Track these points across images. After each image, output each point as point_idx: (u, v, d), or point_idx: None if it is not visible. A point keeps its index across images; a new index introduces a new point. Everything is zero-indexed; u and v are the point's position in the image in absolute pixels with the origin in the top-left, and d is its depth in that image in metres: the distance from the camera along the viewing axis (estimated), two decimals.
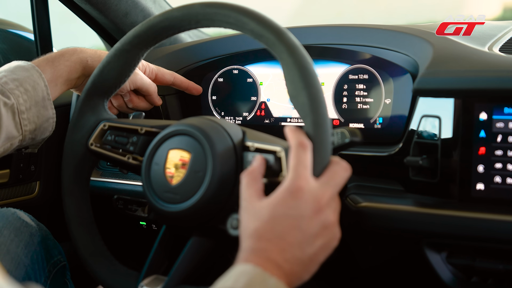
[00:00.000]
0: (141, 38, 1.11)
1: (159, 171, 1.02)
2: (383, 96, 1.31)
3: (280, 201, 0.86)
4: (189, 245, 1.03)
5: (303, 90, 0.92)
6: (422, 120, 1.13)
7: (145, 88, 1.32)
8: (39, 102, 1.18)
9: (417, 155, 1.13)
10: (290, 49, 0.94)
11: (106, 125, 1.15)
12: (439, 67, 1.11)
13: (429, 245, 1.10)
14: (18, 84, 1.16)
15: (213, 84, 1.51)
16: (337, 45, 1.35)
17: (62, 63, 1.24)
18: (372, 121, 1.32)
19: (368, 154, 1.24)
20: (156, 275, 1.07)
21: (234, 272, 0.82)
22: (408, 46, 1.25)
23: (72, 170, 1.16)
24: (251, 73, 1.47)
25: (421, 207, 1.10)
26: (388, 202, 1.14)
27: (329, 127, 0.92)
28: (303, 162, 0.88)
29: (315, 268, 0.88)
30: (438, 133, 1.10)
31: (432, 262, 1.10)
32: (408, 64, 1.25)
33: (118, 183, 1.40)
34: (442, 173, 1.10)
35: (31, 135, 1.19)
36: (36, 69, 1.19)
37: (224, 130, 1.02)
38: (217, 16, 1.02)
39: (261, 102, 1.45)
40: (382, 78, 1.31)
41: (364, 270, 1.28)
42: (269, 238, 0.85)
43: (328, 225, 0.88)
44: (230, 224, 0.98)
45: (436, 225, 1.08)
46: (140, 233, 1.51)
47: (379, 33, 1.30)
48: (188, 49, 1.52)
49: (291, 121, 1.42)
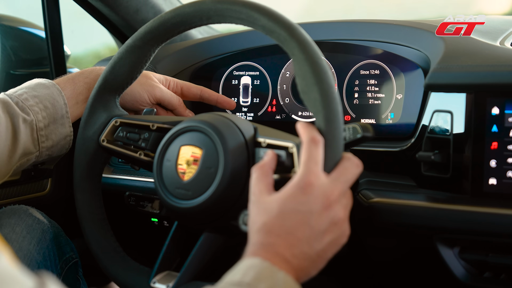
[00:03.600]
0: (153, 34, 1.11)
1: (171, 167, 1.02)
2: (394, 91, 1.30)
3: (290, 196, 0.86)
4: (200, 241, 1.03)
5: (315, 85, 0.92)
6: (434, 115, 1.12)
7: (167, 101, 1.32)
8: (57, 119, 1.20)
9: (429, 150, 1.12)
10: (301, 45, 0.94)
11: (117, 121, 1.15)
12: (451, 62, 1.11)
13: (442, 241, 1.10)
14: (38, 101, 1.18)
15: (224, 80, 1.51)
16: (348, 41, 1.35)
17: (81, 81, 1.26)
18: (383, 116, 1.31)
19: (380, 150, 1.23)
20: (168, 271, 1.07)
21: (242, 265, 0.82)
22: (420, 41, 1.25)
23: (84, 166, 1.16)
24: (261, 69, 1.47)
25: (434, 202, 1.10)
26: (400, 197, 1.14)
27: (341, 123, 0.92)
28: (314, 157, 0.88)
29: (323, 264, 0.88)
30: (450, 128, 1.10)
31: (445, 258, 1.10)
32: (419, 59, 1.25)
33: (130, 180, 1.40)
34: (454, 168, 1.09)
35: (48, 152, 1.20)
36: (56, 86, 1.21)
37: (235, 126, 1.02)
38: (228, 12, 1.02)
39: (272, 98, 1.45)
40: (393, 73, 1.31)
41: (375, 265, 1.28)
42: (278, 233, 0.85)
43: (337, 222, 0.88)
44: (242, 220, 0.98)
45: (449, 220, 1.08)
46: (151, 230, 1.51)
47: (390, 28, 1.30)
48: (198, 46, 1.52)
49: (302, 116, 1.42)
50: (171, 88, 1.35)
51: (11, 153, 1.14)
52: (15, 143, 1.14)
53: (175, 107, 1.34)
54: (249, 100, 1.48)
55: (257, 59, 1.47)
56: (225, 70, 1.50)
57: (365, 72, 1.34)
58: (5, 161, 1.13)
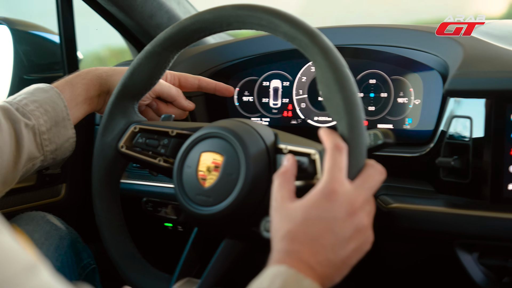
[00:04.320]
0: (172, 40, 1.11)
1: (191, 173, 1.02)
2: (412, 96, 1.30)
3: (314, 203, 0.86)
4: (221, 248, 1.03)
5: (338, 92, 0.91)
6: (453, 121, 1.12)
7: (166, 93, 1.32)
8: (59, 122, 1.20)
9: (448, 155, 1.12)
10: (324, 51, 0.94)
11: (136, 127, 1.15)
12: (470, 67, 1.11)
13: (461, 246, 1.10)
14: (38, 106, 1.18)
15: (240, 86, 1.51)
16: (365, 46, 1.34)
17: (79, 82, 1.25)
18: (401, 121, 1.31)
19: (397, 155, 1.23)
20: (188, 278, 1.07)
21: (269, 273, 0.82)
22: (437, 46, 1.24)
23: (102, 173, 1.16)
24: (277, 74, 1.47)
25: (453, 208, 1.10)
26: (419, 203, 1.14)
27: (364, 129, 0.92)
28: (338, 164, 0.88)
29: (347, 271, 0.88)
30: (470, 134, 1.09)
31: (464, 263, 1.10)
32: (437, 64, 1.25)
33: (147, 185, 1.40)
34: (473, 173, 1.09)
35: (52, 155, 1.20)
36: (55, 90, 1.21)
37: (256, 132, 1.02)
38: (249, 18, 1.02)
39: (287, 103, 1.45)
40: (411, 78, 1.31)
41: (392, 271, 1.28)
42: (303, 240, 0.85)
43: (361, 229, 0.88)
44: (263, 227, 0.98)
45: (469, 225, 1.08)
46: (165, 235, 1.51)
47: (408, 34, 1.30)
48: (212, 51, 1.52)
49: (318, 121, 1.42)
50: (168, 80, 1.35)
51: (16, 159, 1.14)
52: (19, 149, 1.14)
53: (174, 99, 1.34)
54: (265, 105, 1.48)
55: (272, 65, 1.47)
56: (240, 75, 1.50)
57: (383, 77, 1.34)
58: (11, 168, 1.13)
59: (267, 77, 1.48)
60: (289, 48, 1.43)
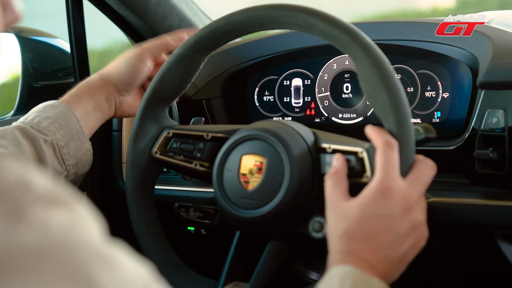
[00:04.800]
0: (203, 43, 1.10)
1: (233, 177, 1.01)
2: (440, 90, 1.30)
3: (370, 201, 0.86)
4: (268, 250, 1.03)
5: (383, 89, 0.91)
6: (487, 113, 1.12)
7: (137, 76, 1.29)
8: (74, 135, 1.18)
9: (483, 147, 1.12)
10: (366, 49, 0.94)
11: (170, 132, 1.13)
12: (503, 59, 1.11)
13: (503, 237, 1.10)
14: (51, 121, 1.16)
15: (260, 85, 1.50)
16: (389, 41, 1.34)
17: (82, 91, 1.24)
18: (430, 115, 1.32)
19: (430, 149, 1.22)
20: (235, 282, 1.06)
21: (336, 274, 0.82)
22: (464, 39, 1.24)
23: (137, 180, 1.15)
24: (298, 73, 1.46)
25: (493, 199, 1.10)
26: (457, 196, 1.13)
27: (412, 126, 0.92)
28: (391, 161, 0.88)
29: (404, 267, 0.88)
30: (505, 125, 1.10)
31: (507, 254, 1.10)
32: (464, 57, 1.25)
33: (178, 190, 1.39)
34: (510, 164, 1.09)
35: (74, 170, 1.18)
36: (63, 104, 1.19)
37: (296, 133, 1.01)
38: (284, 18, 1.01)
39: (310, 101, 1.45)
40: (439, 72, 1.31)
41: (429, 265, 1.28)
42: (362, 239, 0.85)
43: (417, 225, 0.88)
44: (312, 227, 0.97)
45: (510, 216, 1.08)
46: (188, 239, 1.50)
47: (431, 28, 1.29)
48: (230, 51, 1.51)
49: (342, 118, 1.41)
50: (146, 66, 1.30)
51: None
52: (43, 166, 1.12)
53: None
54: (287, 104, 1.47)
55: (292, 63, 1.47)
56: (261, 74, 1.49)
57: (410, 72, 1.34)
58: None
59: (287, 76, 1.48)
60: (308, 46, 1.43)
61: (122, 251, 0.51)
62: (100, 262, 0.48)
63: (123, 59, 1.27)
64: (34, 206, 0.46)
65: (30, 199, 0.46)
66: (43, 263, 0.44)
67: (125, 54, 1.28)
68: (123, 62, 1.27)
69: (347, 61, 1.41)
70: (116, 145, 1.53)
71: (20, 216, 0.45)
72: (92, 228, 0.50)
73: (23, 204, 0.46)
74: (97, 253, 0.48)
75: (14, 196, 0.46)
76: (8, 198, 0.45)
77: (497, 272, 1.16)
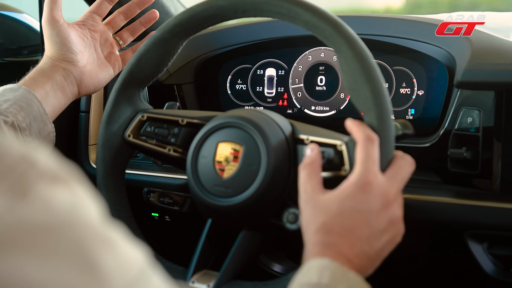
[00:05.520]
0: (183, 27, 1.08)
1: (208, 164, 1.00)
2: (415, 87, 1.31)
3: (349, 195, 0.85)
4: (239, 240, 1.01)
5: (366, 83, 0.91)
6: (461, 112, 1.13)
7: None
8: (37, 117, 1.14)
9: (455, 146, 1.13)
10: (349, 41, 0.93)
11: (144, 115, 1.11)
12: (481, 60, 1.12)
13: (472, 236, 1.11)
14: (11, 103, 1.11)
15: (233, 73, 1.49)
16: (366, 36, 1.34)
17: (34, 72, 1.20)
18: (403, 112, 1.32)
19: (402, 145, 1.22)
20: (205, 270, 1.04)
21: (314, 266, 0.81)
22: (442, 38, 1.25)
23: (108, 162, 1.12)
24: (272, 63, 1.45)
25: (465, 198, 1.11)
26: (430, 194, 1.14)
27: (392, 121, 0.92)
28: (371, 156, 0.87)
29: (379, 262, 0.88)
30: (479, 125, 1.11)
31: (474, 253, 1.11)
32: (441, 56, 1.26)
33: (148, 176, 1.37)
34: (482, 164, 1.11)
35: None
36: (23, 87, 1.15)
37: (274, 123, 1.00)
38: (267, 6, 1.00)
39: (283, 92, 1.44)
40: (415, 69, 1.31)
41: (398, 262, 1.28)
42: (339, 232, 0.84)
43: (395, 221, 0.88)
44: (286, 218, 0.97)
45: (481, 216, 1.09)
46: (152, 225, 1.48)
47: (412, 25, 1.30)
48: (204, 37, 1.49)
49: (315, 111, 1.41)
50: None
51: None
52: None
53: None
54: (259, 93, 1.46)
55: (267, 53, 1.45)
56: (235, 62, 1.48)
57: (386, 67, 1.34)
58: None
59: (261, 65, 1.47)
60: (283, 36, 1.42)
61: (120, 234, 0.50)
62: (102, 243, 0.46)
63: (49, 32, 1.24)
64: (38, 183, 0.44)
65: (35, 176, 0.45)
66: (46, 241, 0.43)
67: None
68: (51, 33, 1.23)
69: (323, 54, 1.40)
70: (83, 127, 1.50)
71: (24, 192, 0.43)
72: (92, 209, 0.48)
73: (27, 180, 0.44)
74: (99, 234, 0.47)
75: (18, 171, 0.44)
76: (12, 173, 0.44)
77: (466, 271, 1.17)
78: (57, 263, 0.43)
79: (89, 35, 1.27)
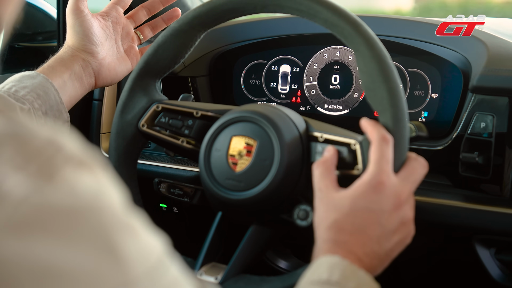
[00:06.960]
0: (201, 19, 1.08)
1: (221, 157, 1.00)
2: (429, 90, 1.31)
3: (362, 194, 0.86)
4: (249, 234, 1.02)
5: (383, 83, 0.91)
6: (475, 117, 1.13)
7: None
8: (53, 106, 1.15)
9: (467, 151, 1.13)
10: (368, 41, 0.93)
11: (159, 106, 1.11)
12: (497, 65, 1.12)
13: (480, 241, 1.11)
14: (29, 91, 1.12)
15: (248, 68, 1.49)
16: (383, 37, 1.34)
17: (54, 61, 1.21)
18: (416, 114, 1.32)
19: (415, 147, 1.23)
20: (213, 263, 1.05)
21: (324, 263, 0.82)
22: (458, 42, 1.25)
23: (121, 151, 1.12)
24: (287, 59, 1.45)
25: (474, 203, 1.11)
26: (439, 197, 1.14)
27: (408, 122, 0.92)
28: (385, 156, 0.87)
29: (388, 263, 0.89)
30: (492, 131, 1.11)
31: (482, 258, 1.11)
32: (457, 60, 1.25)
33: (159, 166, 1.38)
34: (493, 170, 1.11)
35: None
36: (41, 75, 1.16)
37: (289, 119, 1.00)
38: (286, 2, 1.00)
39: (297, 89, 1.44)
40: (429, 72, 1.31)
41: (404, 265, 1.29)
42: (351, 231, 0.85)
43: (406, 222, 0.89)
44: (296, 215, 0.97)
45: (491, 222, 1.09)
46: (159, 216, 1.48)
47: (429, 28, 1.29)
48: (220, 31, 1.49)
49: (328, 109, 1.41)
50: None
51: None
52: None
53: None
54: (273, 90, 1.46)
55: (282, 49, 1.45)
56: (249, 57, 1.48)
57: (401, 69, 1.34)
58: None
59: (276, 62, 1.47)
60: (300, 34, 1.42)
61: (141, 222, 0.51)
62: (124, 230, 0.47)
63: (72, 21, 1.24)
64: (65, 167, 0.45)
65: (62, 160, 0.45)
66: (70, 224, 0.44)
67: None
68: (74, 22, 1.23)
69: (338, 52, 1.40)
70: (96, 115, 1.51)
71: (51, 175, 0.44)
72: (115, 195, 0.49)
73: (54, 164, 0.45)
74: (121, 220, 0.48)
75: (46, 154, 0.45)
76: (40, 156, 0.44)
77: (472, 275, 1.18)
78: (80, 246, 0.43)
79: (111, 27, 1.28)
